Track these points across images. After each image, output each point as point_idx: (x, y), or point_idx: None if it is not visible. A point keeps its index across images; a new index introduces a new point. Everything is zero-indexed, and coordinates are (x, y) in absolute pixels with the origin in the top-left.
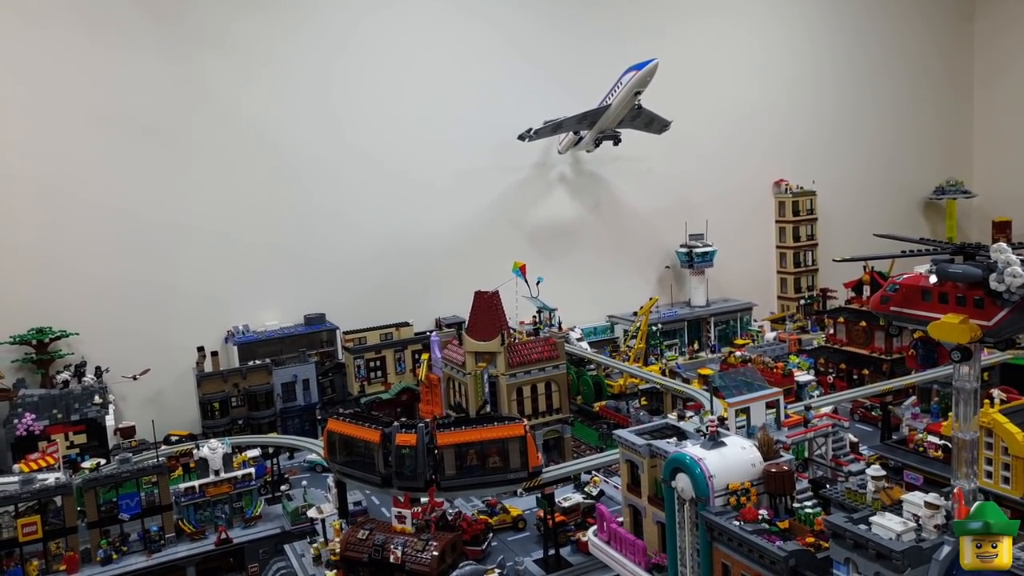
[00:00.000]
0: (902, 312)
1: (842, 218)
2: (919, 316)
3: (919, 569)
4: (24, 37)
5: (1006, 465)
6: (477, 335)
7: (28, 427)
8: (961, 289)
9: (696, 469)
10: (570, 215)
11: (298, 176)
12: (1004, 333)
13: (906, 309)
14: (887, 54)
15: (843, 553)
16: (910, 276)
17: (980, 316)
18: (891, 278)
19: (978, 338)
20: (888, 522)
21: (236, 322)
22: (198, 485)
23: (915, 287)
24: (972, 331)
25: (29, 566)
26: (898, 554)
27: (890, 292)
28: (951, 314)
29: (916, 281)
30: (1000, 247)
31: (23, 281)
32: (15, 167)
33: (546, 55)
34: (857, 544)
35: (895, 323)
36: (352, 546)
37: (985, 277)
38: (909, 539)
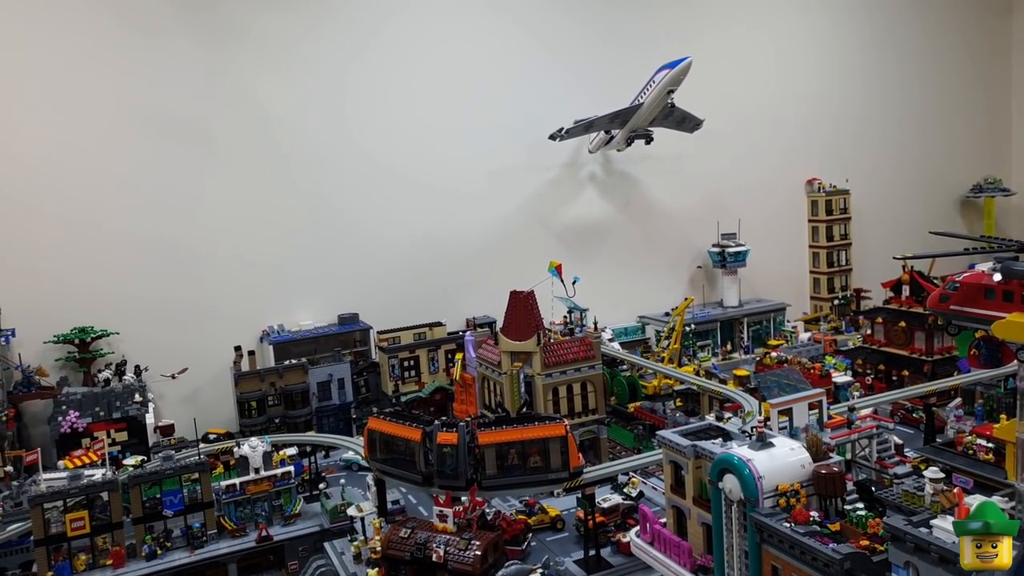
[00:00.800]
0: (963, 311)
1: (876, 217)
2: (982, 315)
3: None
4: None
5: None
6: (513, 335)
7: (72, 424)
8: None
9: (745, 470)
10: (600, 214)
11: (331, 177)
12: None
13: (967, 308)
14: (922, 49)
15: (903, 557)
16: (971, 274)
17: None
18: (950, 277)
19: None
20: (949, 525)
21: (271, 322)
22: (239, 483)
23: (978, 285)
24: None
25: (77, 560)
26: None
27: (950, 291)
28: (1017, 313)
29: (978, 279)
30: None
31: (66, 281)
32: (54, 168)
33: (577, 54)
34: (919, 547)
35: (955, 322)
36: (394, 544)
37: None
38: None
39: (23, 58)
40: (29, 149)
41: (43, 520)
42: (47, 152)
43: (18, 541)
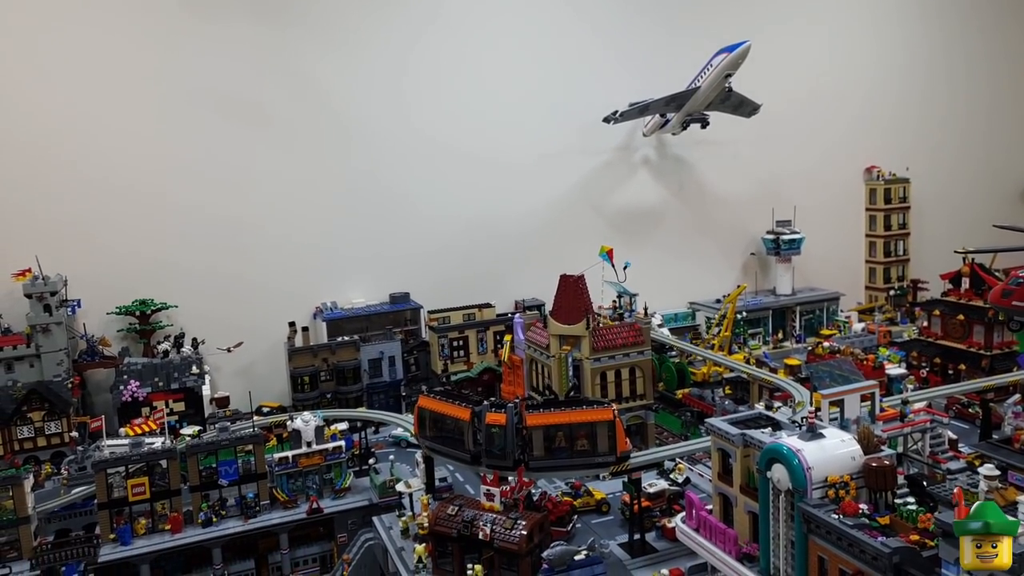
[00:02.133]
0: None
1: (937, 206)
2: None
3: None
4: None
5: None
6: (562, 318)
7: (133, 393)
8: None
9: (794, 460)
10: (653, 199)
11: (384, 159)
12: None
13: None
14: (990, 34)
15: (955, 553)
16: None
17: None
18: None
19: None
20: None
21: (325, 299)
22: (291, 455)
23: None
24: None
25: (137, 524)
26: (1016, 555)
27: (1013, 286)
28: None
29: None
30: None
31: (129, 256)
32: (120, 146)
33: (632, 37)
34: None
35: (1016, 318)
36: (442, 521)
37: None
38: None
39: (93, 41)
40: (96, 129)
41: (106, 484)
42: (113, 131)
43: (82, 504)
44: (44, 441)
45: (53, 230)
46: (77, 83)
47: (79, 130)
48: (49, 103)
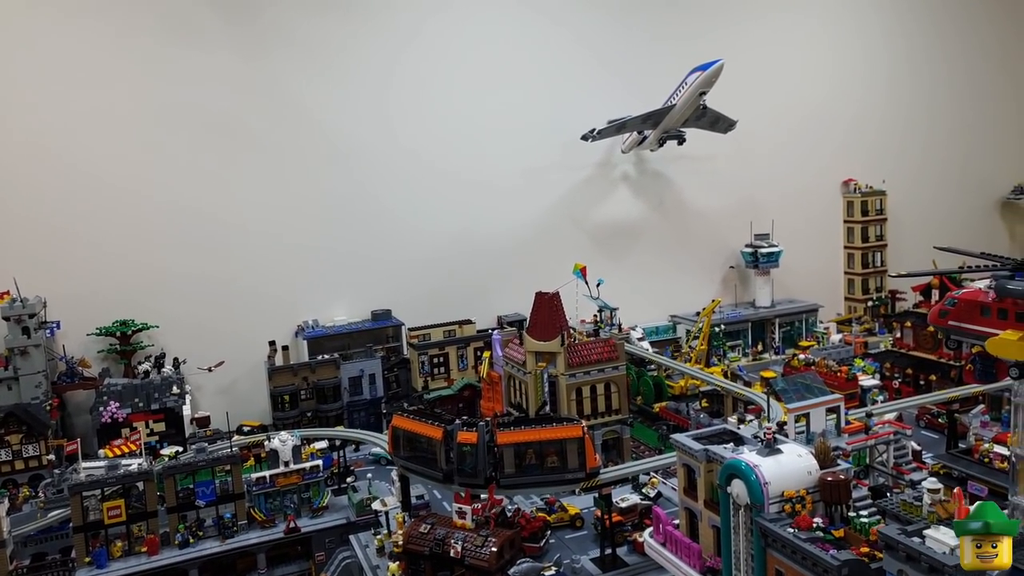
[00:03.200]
0: (960, 327)
1: (913, 218)
2: (977, 331)
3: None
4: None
5: None
6: (538, 335)
7: (112, 415)
8: (1021, 306)
9: (751, 476)
10: (633, 214)
11: (366, 176)
12: None
13: (964, 324)
14: (962, 48)
15: (896, 565)
16: (968, 291)
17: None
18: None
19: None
20: (943, 536)
21: (306, 317)
22: (269, 475)
23: (974, 302)
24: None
25: (113, 547)
26: (951, 568)
27: (948, 306)
28: (1010, 331)
29: (975, 296)
30: None
31: (109, 276)
32: (99, 168)
33: (611, 55)
34: (910, 557)
35: (953, 337)
36: (414, 539)
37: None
38: None
39: (73, 62)
40: (76, 151)
41: (82, 508)
42: (94, 153)
43: (58, 527)
44: (22, 464)
45: (32, 252)
46: (58, 104)
47: (59, 152)
48: (29, 125)
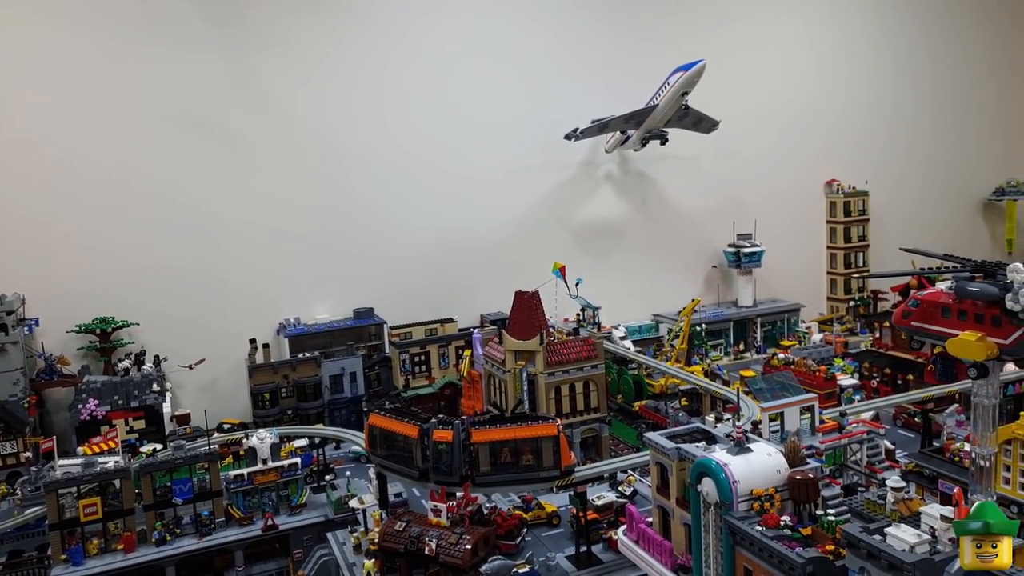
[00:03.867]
0: (923, 327)
1: (896, 219)
2: (939, 332)
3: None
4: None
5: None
6: (517, 334)
7: (92, 412)
8: (979, 307)
9: (721, 474)
10: (617, 213)
11: (349, 174)
12: (1021, 352)
13: (926, 324)
14: (946, 50)
15: (858, 562)
16: (931, 292)
17: (997, 334)
18: (913, 293)
19: (995, 356)
20: (903, 534)
21: (288, 315)
22: (247, 473)
23: (935, 303)
24: (989, 349)
25: (89, 545)
26: (909, 566)
27: (912, 307)
28: (969, 331)
29: (936, 298)
30: (1017, 267)
31: (89, 273)
32: (80, 165)
33: (595, 54)
34: (871, 554)
35: (916, 337)
36: (389, 537)
37: (1002, 296)
38: (922, 551)
39: (51, 62)
40: (55, 149)
41: (57, 505)
42: (73, 151)
43: (35, 524)
44: (0, 462)
45: (10, 249)
46: (36, 101)
47: (39, 150)
48: (6, 123)
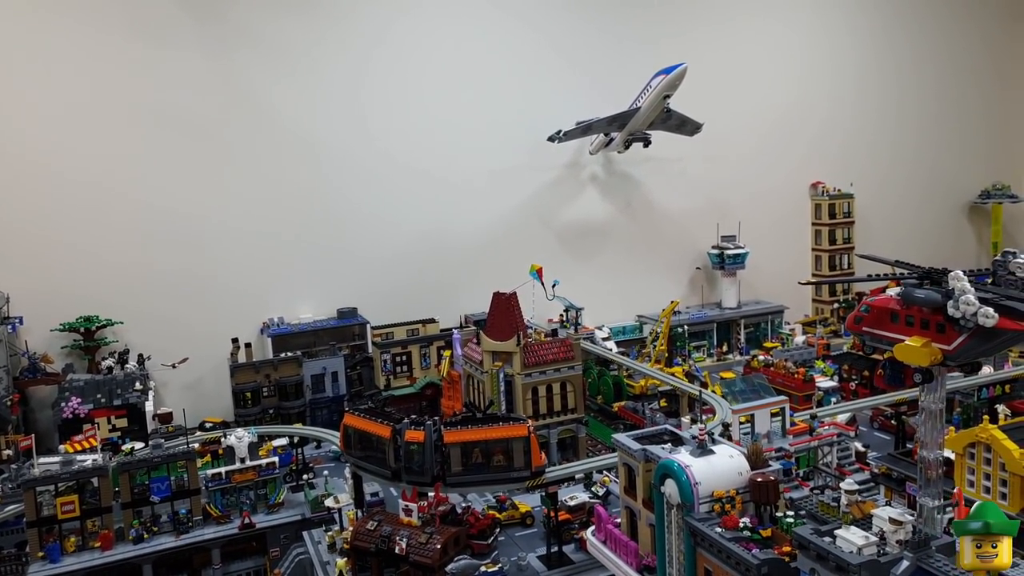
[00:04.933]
0: (873, 333)
1: (881, 221)
2: (889, 337)
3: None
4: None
5: (1003, 481)
6: (494, 335)
7: (74, 410)
8: (925, 313)
9: (682, 476)
10: (601, 215)
11: (333, 174)
12: (963, 357)
13: (877, 330)
14: (932, 54)
15: (808, 563)
16: (881, 298)
17: (941, 340)
18: (864, 299)
19: (939, 361)
20: (852, 536)
21: (272, 314)
22: (224, 471)
23: (885, 309)
24: (933, 354)
25: (67, 542)
26: (855, 567)
27: (863, 313)
28: (915, 337)
29: (886, 304)
30: (957, 275)
31: (72, 272)
32: (65, 164)
33: (579, 56)
34: (820, 556)
35: (868, 343)
36: (361, 536)
37: (944, 303)
38: (869, 553)
39: (38, 59)
40: (40, 148)
41: (35, 503)
42: (58, 150)
43: (15, 522)
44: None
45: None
46: (21, 101)
47: (23, 149)
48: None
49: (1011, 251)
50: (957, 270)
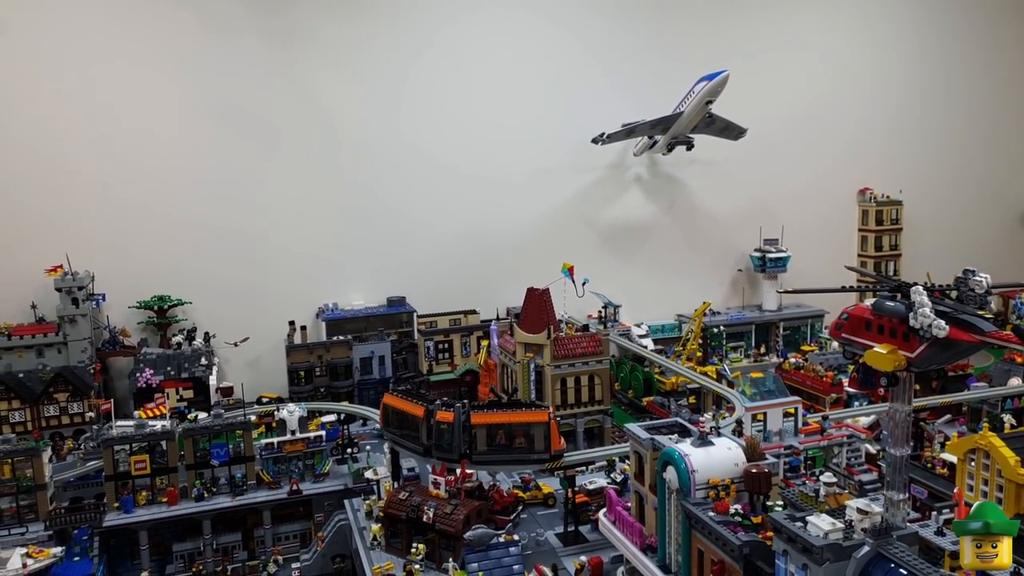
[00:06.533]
0: (851, 339)
1: (931, 229)
2: (863, 344)
3: (839, 564)
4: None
5: (1000, 486)
6: (527, 328)
7: (147, 380)
8: (893, 323)
9: (681, 464)
10: (644, 215)
11: (387, 173)
12: (925, 364)
13: (854, 337)
14: (984, 56)
15: (782, 546)
16: (858, 307)
17: (906, 348)
18: (844, 308)
19: (903, 367)
20: (821, 522)
21: (327, 300)
22: (277, 442)
23: (860, 318)
24: (897, 361)
25: (138, 496)
26: (818, 549)
27: (843, 320)
28: (883, 344)
29: (862, 313)
30: (917, 290)
31: (150, 257)
32: (149, 161)
33: (626, 58)
34: (790, 539)
35: (847, 348)
36: (394, 505)
37: (907, 314)
38: (835, 538)
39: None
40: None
41: (113, 460)
42: (138, 145)
43: (94, 476)
44: (67, 419)
45: (83, 232)
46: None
47: (107, 145)
48: (82, 123)
49: (971, 269)
50: (918, 286)
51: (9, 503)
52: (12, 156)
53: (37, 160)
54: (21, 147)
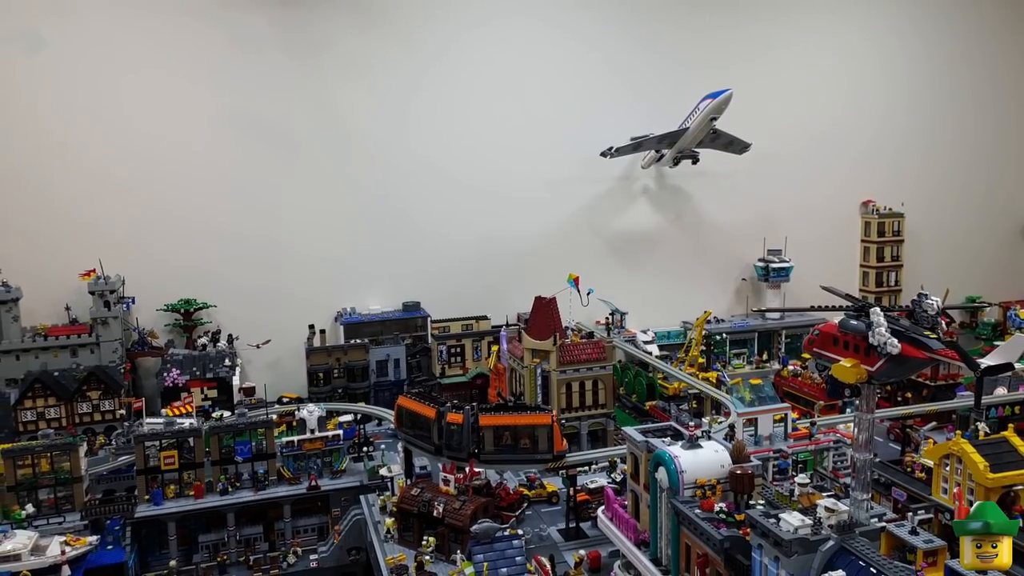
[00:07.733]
0: (822, 354)
1: (933, 241)
2: (830, 358)
3: (807, 556)
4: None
5: (971, 489)
6: (534, 334)
7: (174, 380)
8: (856, 339)
9: (671, 464)
10: (651, 225)
11: (402, 181)
12: (885, 377)
13: (824, 351)
14: (987, 69)
15: (757, 540)
16: (827, 324)
17: (867, 363)
18: (815, 325)
19: (864, 380)
20: (792, 519)
21: (346, 304)
22: (297, 440)
23: (829, 334)
24: (859, 374)
25: (167, 489)
26: (787, 543)
27: (814, 336)
28: (848, 359)
29: (831, 330)
30: (875, 311)
31: (177, 262)
32: (179, 171)
33: (636, 72)
34: (763, 533)
35: (819, 362)
36: (406, 500)
37: (867, 332)
38: (803, 533)
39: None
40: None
41: (144, 455)
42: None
43: (125, 469)
44: (100, 416)
45: (115, 238)
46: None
47: (138, 155)
48: (114, 135)
49: (924, 293)
50: (876, 307)
51: (48, 494)
52: (50, 167)
53: (73, 171)
54: (58, 158)
